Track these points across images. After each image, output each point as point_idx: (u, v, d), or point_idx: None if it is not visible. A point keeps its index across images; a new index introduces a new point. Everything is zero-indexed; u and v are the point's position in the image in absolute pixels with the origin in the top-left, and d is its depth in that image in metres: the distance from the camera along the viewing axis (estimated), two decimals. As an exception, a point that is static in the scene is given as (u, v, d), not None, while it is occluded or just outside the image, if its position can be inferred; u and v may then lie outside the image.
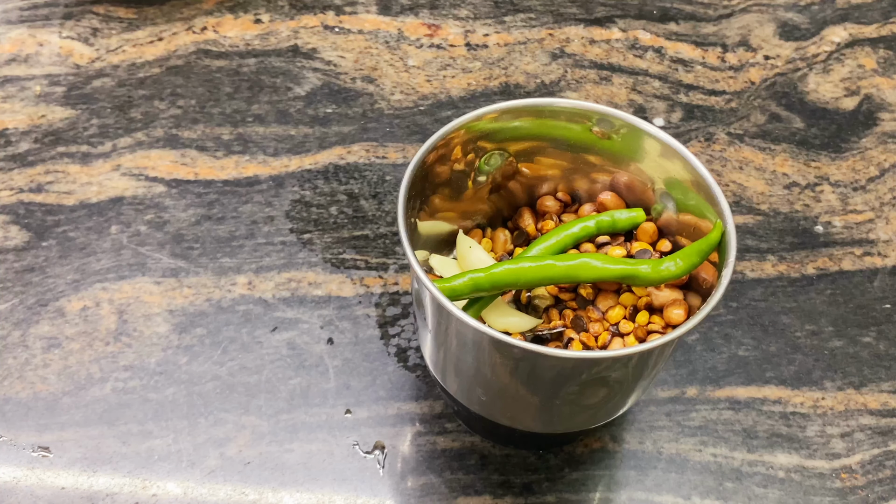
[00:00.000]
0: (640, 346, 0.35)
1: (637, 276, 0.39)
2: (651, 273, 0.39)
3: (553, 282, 0.39)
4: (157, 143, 0.58)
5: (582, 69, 0.63)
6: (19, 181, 0.55)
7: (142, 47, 0.63)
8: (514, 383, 0.38)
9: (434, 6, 0.67)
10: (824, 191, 0.58)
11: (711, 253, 0.38)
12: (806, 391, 0.49)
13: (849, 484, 0.46)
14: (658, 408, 0.48)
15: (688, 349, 0.50)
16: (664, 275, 0.38)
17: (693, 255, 0.38)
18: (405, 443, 0.46)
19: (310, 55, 0.63)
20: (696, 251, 0.38)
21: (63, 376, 0.48)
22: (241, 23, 0.65)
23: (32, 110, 0.59)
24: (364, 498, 0.44)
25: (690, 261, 0.38)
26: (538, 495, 0.45)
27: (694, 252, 0.38)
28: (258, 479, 0.45)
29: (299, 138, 0.58)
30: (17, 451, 0.45)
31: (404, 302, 0.51)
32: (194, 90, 0.61)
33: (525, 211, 0.45)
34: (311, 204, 0.55)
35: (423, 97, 0.61)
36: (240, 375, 0.48)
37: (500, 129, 0.42)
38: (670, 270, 0.38)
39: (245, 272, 0.52)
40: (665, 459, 0.46)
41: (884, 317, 0.52)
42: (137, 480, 0.44)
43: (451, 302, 0.35)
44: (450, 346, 0.39)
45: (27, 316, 0.50)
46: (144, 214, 0.54)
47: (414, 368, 0.49)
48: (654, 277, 0.39)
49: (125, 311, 0.50)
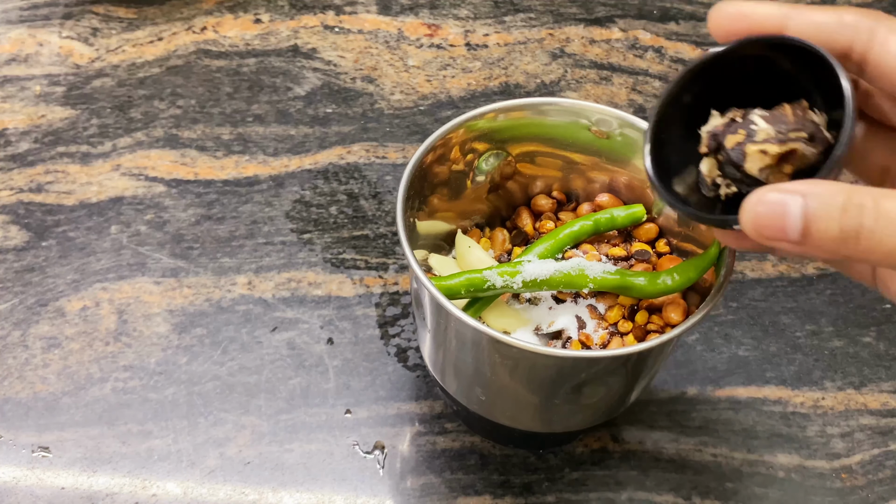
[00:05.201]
0: (639, 346, 0.35)
1: (632, 288, 0.39)
2: (647, 286, 0.39)
3: (550, 288, 0.39)
4: (156, 143, 0.58)
5: (582, 69, 0.63)
6: (19, 181, 0.55)
7: (142, 47, 0.63)
8: (513, 383, 0.38)
9: (434, 6, 0.67)
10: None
11: (709, 269, 0.39)
12: (806, 391, 0.49)
13: (849, 484, 0.46)
14: (658, 408, 0.48)
15: (688, 349, 0.50)
16: (660, 288, 0.39)
17: (690, 270, 0.38)
18: (405, 443, 0.46)
19: (310, 55, 0.63)
20: (693, 266, 0.38)
21: (63, 376, 0.48)
22: (241, 23, 0.65)
23: (32, 110, 0.59)
24: (364, 498, 0.44)
25: (687, 276, 0.38)
26: (538, 495, 0.45)
27: (691, 267, 0.38)
28: (258, 479, 0.45)
29: (299, 138, 0.58)
30: (17, 451, 0.45)
31: (404, 302, 0.51)
32: (194, 90, 0.61)
33: (523, 210, 0.45)
34: (311, 204, 0.55)
35: (423, 97, 0.61)
36: (240, 375, 0.48)
37: (498, 129, 0.42)
38: (666, 284, 0.38)
39: (245, 272, 0.52)
40: (665, 459, 0.46)
41: (884, 317, 0.52)
42: (137, 480, 0.44)
43: (450, 302, 0.35)
44: (449, 345, 0.39)
45: (27, 316, 0.50)
46: (144, 214, 0.54)
47: (414, 368, 0.49)
48: (650, 290, 0.39)
49: (125, 311, 0.50)
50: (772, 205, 0.26)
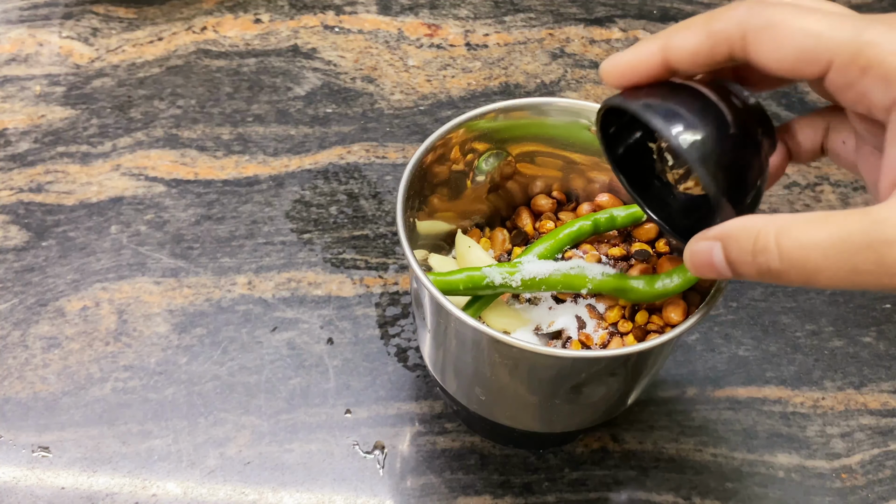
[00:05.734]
0: (639, 346, 0.35)
1: (630, 291, 0.38)
2: (645, 289, 0.38)
3: (549, 288, 0.39)
4: (156, 142, 0.58)
5: (582, 69, 0.63)
6: (19, 181, 0.55)
7: (142, 47, 0.63)
8: (513, 383, 0.38)
9: (434, 6, 0.67)
10: (824, 191, 0.57)
11: None
12: (806, 391, 0.49)
13: (849, 484, 0.46)
14: (658, 408, 0.48)
15: (688, 349, 0.50)
16: (658, 292, 0.38)
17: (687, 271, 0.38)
18: (405, 443, 0.46)
19: (310, 55, 0.63)
20: None
21: (63, 376, 0.48)
22: (241, 23, 0.65)
23: (32, 110, 0.59)
24: (364, 498, 0.44)
25: (686, 278, 0.38)
26: (538, 495, 0.45)
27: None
28: (258, 479, 0.45)
29: (299, 138, 0.58)
30: (17, 451, 0.45)
31: (404, 302, 0.51)
32: (194, 90, 0.61)
33: (523, 210, 0.45)
34: (311, 204, 0.55)
35: (423, 97, 0.61)
36: (240, 375, 0.48)
37: (498, 129, 0.42)
38: (666, 288, 0.38)
39: (245, 272, 0.52)
40: (665, 459, 0.46)
41: (884, 317, 0.52)
42: (137, 480, 0.44)
43: (450, 302, 0.35)
44: (449, 345, 0.39)
45: (27, 316, 0.50)
46: (144, 214, 0.54)
47: (414, 368, 0.49)
48: (648, 294, 0.38)
49: (125, 311, 0.50)
50: (701, 253, 0.29)
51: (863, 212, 0.25)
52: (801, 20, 0.27)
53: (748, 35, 0.28)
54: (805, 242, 0.26)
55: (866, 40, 0.26)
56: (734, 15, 0.28)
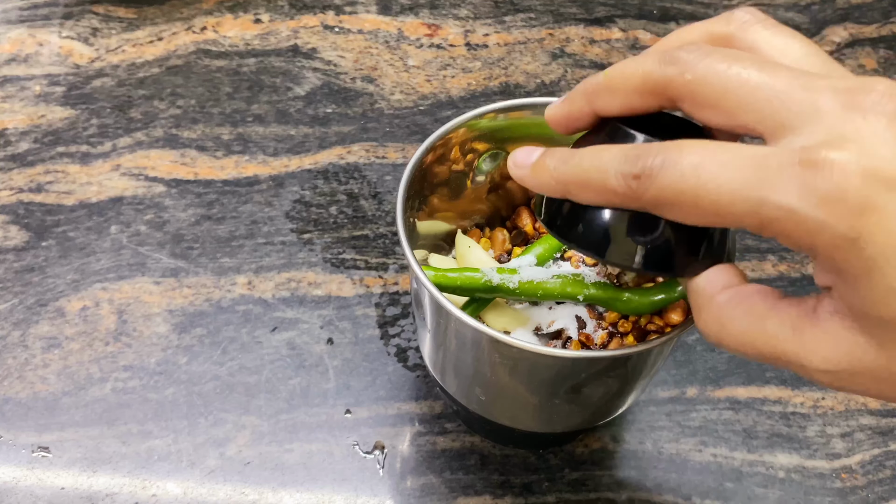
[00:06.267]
0: (639, 346, 0.35)
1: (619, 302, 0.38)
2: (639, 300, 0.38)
3: (546, 295, 0.39)
4: (156, 143, 0.58)
5: (582, 69, 0.63)
6: (19, 181, 0.55)
7: (141, 47, 0.63)
8: (513, 383, 0.38)
9: (434, 6, 0.67)
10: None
11: None
12: (806, 391, 0.49)
13: (849, 484, 0.46)
14: (658, 408, 0.48)
15: (688, 349, 0.50)
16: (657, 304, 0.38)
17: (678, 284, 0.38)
18: (405, 443, 0.46)
19: (310, 55, 0.63)
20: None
21: (63, 376, 0.48)
22: (241, 23, 0.65)
23: (32, 110, 0.59)
24: (364, 498, 0.44)
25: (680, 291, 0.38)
26: (538, 495, 0.45)
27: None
28: (258, 479, 0.45)
29: (299, 138, 0.58)
30: (17, 451, 0.45)
31: (404, 302, 0.51)
32: (194, 90, 0.61)
33: (523, 210, 0.45)
34: (311, 204, 0.55)
35: (423, 97, 0.61)
36: (240, 375, 0.48)
37: (498, 129, 0.42)
38: (662, 299, 0.38)
39: (245, 272, 0.52)
40: (665, 459, 0.46)
41: (884, 316, 0.52)
42: (137, 480, 0.44)
43: (449, 302, 0.35)
44: (449, 345, 0.39)
45: (27, 316, 0.50)
46: (144, 214, 0.54)
47: (414, 368, 0.49)
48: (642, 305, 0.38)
49: (125, 311, 0.50)
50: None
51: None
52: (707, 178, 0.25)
53: (672, 83, 0.29)
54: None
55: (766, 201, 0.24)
56: (653, 56, 0.29)
